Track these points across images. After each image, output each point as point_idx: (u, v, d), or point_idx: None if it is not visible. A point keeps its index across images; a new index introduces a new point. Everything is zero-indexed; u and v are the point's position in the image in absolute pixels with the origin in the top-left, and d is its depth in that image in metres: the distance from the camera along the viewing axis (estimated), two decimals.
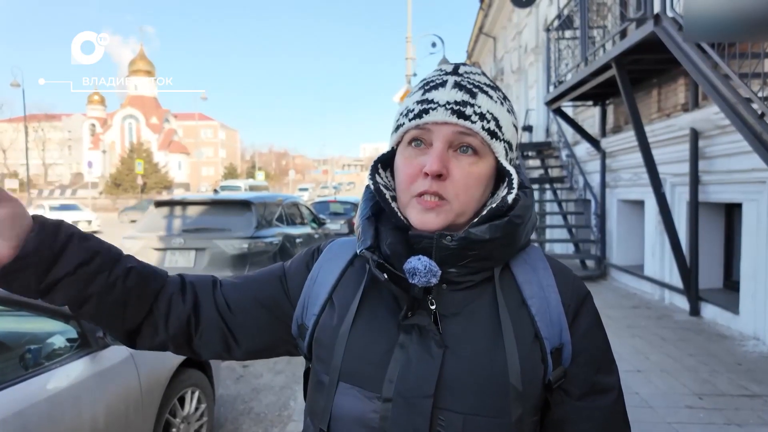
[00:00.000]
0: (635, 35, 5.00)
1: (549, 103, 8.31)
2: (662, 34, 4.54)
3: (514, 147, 0.74)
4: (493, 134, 0.70)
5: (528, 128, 13.21)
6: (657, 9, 4.67)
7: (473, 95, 0.70)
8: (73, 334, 2.07)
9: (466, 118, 0.68)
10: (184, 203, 6.12)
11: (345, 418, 0.70)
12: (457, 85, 0.70)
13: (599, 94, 7.50)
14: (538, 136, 12.34)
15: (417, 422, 0.66)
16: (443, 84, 0.71)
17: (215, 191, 7.95)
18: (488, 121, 0.69)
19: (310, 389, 0.78)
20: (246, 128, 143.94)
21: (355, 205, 12.40)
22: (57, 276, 0.69)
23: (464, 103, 0.69)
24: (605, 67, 5.91)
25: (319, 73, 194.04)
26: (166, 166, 50.02)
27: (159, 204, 6.19)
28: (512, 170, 0.71)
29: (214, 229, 5.64)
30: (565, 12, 7.58)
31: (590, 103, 8.35)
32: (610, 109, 7.99)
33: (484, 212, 0.70)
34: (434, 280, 0.67)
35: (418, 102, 0.71)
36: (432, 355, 0.67)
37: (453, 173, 0.68)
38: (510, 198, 0.70)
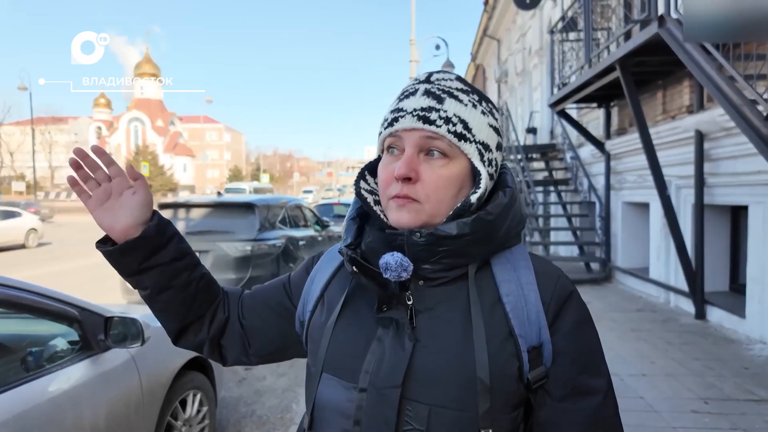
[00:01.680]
0: (639, 37, 4.98)
1: (553, 105, 8.28)
2: (666, 35, 4.52)
3: (492, 147, 0.76)
4: (460, 136, 0.72)
5: (532, 130, 13.18)
6: (661, 10, 4.65)
7: (440, 101, 0.73)
8: (75, 337, 2.07)
9: (431, 122, 0.71)
10: (187, 206, 6.15)
11: (326, 407, 0.75)
12: (426, 92, 0.74)
13: (603, 96, 7.47)
14: (543, 138, 12.30)
15: (386, 412, 0.69)
16: (414, 92, 0.75)
17: (219, 193, 7.98)
18: (454, 125, 0.72)
19: (305, 381, 0.84)
20: (251, 131, 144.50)
21: None
22: (156, 262, 0.83)
23: (430, 109, 0.72)
24: (609, 69, 5.89)
25: (324, 75, 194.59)
26: (171, 169, 50.27)
27: (163, 206, 6.22)
28: (483, 171, 0.74)
29: (217, 232, 5.66)
30: (569, 14, 7.57)
31: (594, 105, 8.31)
32: (614, 111, 7.96)
33: (451, 212, 0.73)
34: (405, 275, 0.71)
35: (392, 111, 0.76)
36: (404, 347, 0.71)
37: (423, 176, 0.72)
38: (473, 197, 0.73)
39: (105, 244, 0.83)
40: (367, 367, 0.72)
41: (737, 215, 5.65)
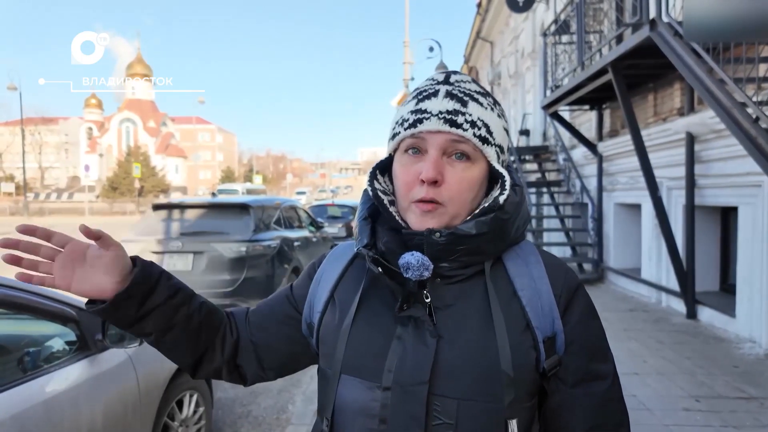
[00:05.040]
0: (631, 40, 5.04)
1: (546, 108, 8.34)
2: (658, 39, 4.58)
3: (505, 149, 0.79)
4: (484, 140, 0.74)
5: (525, 132, 13.25)
6: (653, 14, 4.71)
7: (464, 104, 0.74)
8: (72, 337, 2.07)
9: (458, 126, 0.72)
10: (182, 206, 6.12)
11: (348, 408, 0.75)
12: (449, 95, 0.74)
13: (596, 98, 7.54)
14: (535, 140, 12.38)
15: (414, 408, 0.70)
16: (435, 94, 0.75)
17: (213, 194, 7.96)
18: (479, 128, 0.73)
19: (318, 385, 0.84)
20: (243, 132, 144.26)
21: (352, 209, 12.40)
22: (152, 305, 0.79)
23: (456, 112, 0.73)
24: (602, 72, 5.95)
25: (317, 77, 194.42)
26: (163, 170, 49.92)
27: (157, 207, 6.18)
28: (505, 173, 0.76)
29: (212, 233, 5.63)
30: (562, 17, 7.63)
31: (587, 107, 8.39)
32: (606, 114, 8.03)
33: (477, 211, 0.75)
34: (426, 274, 0.72)
35: (412, 112, 0.75)
36: (427, 344, 0.72)
37: (447, 179, 0.73)
38: (501, 199, 0.74)
39: (95, 303, 0.78)
40: (390, 366, 0.72)
41: (727, 216, 5.73)
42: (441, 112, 0.73)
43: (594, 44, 6.92)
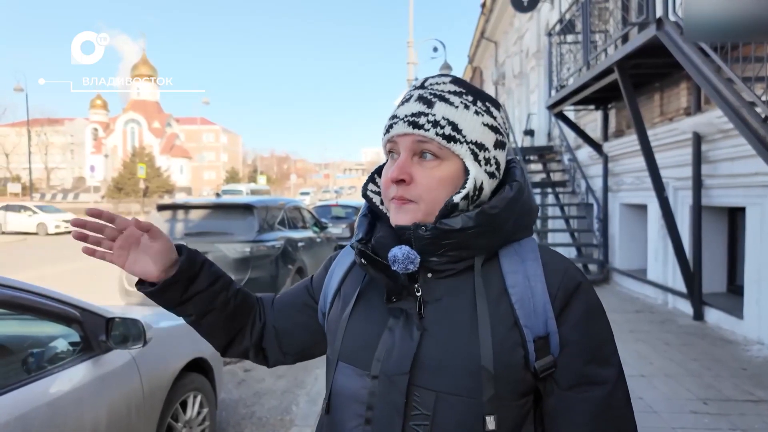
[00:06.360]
0: (637, 39, 5.00)
1: (551, 108, 8.31)
2: (664, 38, 4.54)
3: (489, 145, 0.78)
4: (449, 138, 0.75)
5: (530, 132, 13.21)
6: (659, 13, 4.67)
7: (430, 105, 0.76)
8: (76, 338, 2.06)
9: (420, 127, 0.75)
10: (186, 207, 6.13)
11: (342, 393, 0.80)
12: (419, 98, 0.78)
13: (601, 98, 7.49)
14: (540, 141, 12.33)
15: (395, 397, 0.73)
16: (409, 99, 0.79)
17: (217, 195, 7.98)
18: (442, 127, 0.75)
19: (325, 370, 0.89)
20: (248, 132, 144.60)
21: (356, 209, 12.45)
22: (195, 291, 0.90)
23: (419, 114, 0.76)
24: (607, 72, 5.91)
25: (321, 78, 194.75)
26: (168, 170, 49.99)
27: (161, 208, 6.20)
28: (473, 170, 0.76)
29: (216, 233, 5.64)
30: (567, 16, 7.59)
31: (592, 107, 8.34)
32: (612, 113, 7.99)
33: (439, 210, 0.76)
34: (411, 267, 0.75)
35: (390, 118, 0.80)
36: (412, 337, 0.75)
37: (416, 178, 0.76)
38: (456, 198, 0.75)
39: (144, 285, 0.89)
40: (379, 356, 0.76)
41: (735, 217, 5.68)
42: (406, 116, 0.76)
43: (599, 44, 6.88)
